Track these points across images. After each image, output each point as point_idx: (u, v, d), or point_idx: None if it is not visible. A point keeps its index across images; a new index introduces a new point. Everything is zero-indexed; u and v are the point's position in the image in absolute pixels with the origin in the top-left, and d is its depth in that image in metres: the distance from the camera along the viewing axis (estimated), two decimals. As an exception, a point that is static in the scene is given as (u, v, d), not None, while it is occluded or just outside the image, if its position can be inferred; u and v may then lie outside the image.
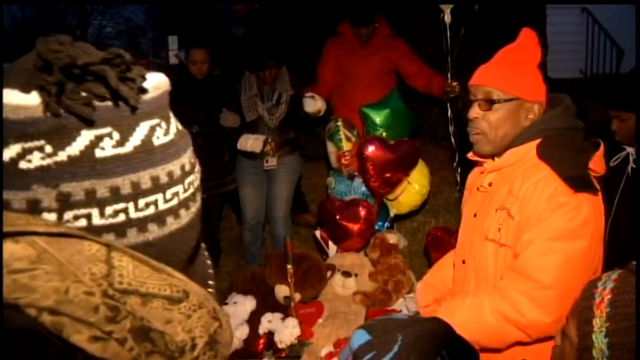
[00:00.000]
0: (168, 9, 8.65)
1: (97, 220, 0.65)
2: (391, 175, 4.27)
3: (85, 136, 0.64)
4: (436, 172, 5.73)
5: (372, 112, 4.44)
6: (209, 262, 0.87)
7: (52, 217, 0.64)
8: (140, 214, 0.68)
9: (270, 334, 3.46)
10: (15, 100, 0.62)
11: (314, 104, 4.45)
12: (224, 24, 5.61)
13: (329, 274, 3.79)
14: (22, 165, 0.62)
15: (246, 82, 4.53)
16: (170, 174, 0.71)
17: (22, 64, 0.64)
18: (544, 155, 1.92)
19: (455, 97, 4.36)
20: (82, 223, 0.65)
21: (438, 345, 1.20)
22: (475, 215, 2.14)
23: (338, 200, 4.34)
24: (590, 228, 1.88)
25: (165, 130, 0.72)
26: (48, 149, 0.63)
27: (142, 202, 0.68)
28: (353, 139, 4.45)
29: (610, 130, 2.98)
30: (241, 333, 3.51)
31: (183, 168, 0.73)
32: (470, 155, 2.19)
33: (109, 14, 15.47)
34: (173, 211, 0.71)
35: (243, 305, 3.63)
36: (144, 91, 0.69)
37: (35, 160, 0.63)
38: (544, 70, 2.07)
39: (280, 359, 3.29)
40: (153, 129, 0.70)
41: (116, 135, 0.66)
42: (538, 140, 1.96)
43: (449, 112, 4.43)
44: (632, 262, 1.13)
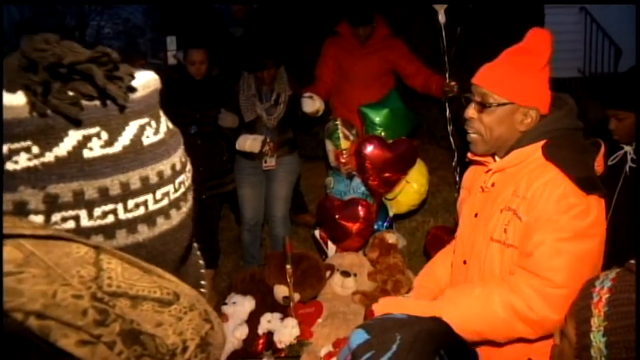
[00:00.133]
0: (166, 9, 8.65)
1: (85, 222, 0.64)
2: (390, 175, 4.27)
3: (73, 137, 0.63)
4: (435, 171, 5.73)
5: (371, 112, 4.44)
6: (201, 262, 0.86)
7: (39, 219, 0.63)
8: (129, 215, 0.67)
9: (270, 334, 3.45)
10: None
11: (312, 104, 4.45)
12: (222, 24, 5.61)
13: (328, 274, 3.79)
14: (9, 166, 0.61)
15: (245, 82, 4.53)
16: (160, 174, 0.69)
17: (7, 63, 0.63)
18: (551, 156, 1.93)
19: (453, 96, 4.35)
20: (70, 224, 0.64)
21: (436, 345, 1.20)
22: (476, 215, 2.13)
23: (337, 200, 4.34)
24: (600, 228, 1.91)
25: (155, 129, 0.70)
26: (35, 150, 0.62)
27: (131, 203, 0.67)
28: (351, 138, 4.45)
29: (608, 129, 2.98)
30: (240, 333, 3.50)
31: (173, 167, 0.72)
32: (470, 155, 2.18)
33: (107, 15, 15.48)
34: (163, 212, 0.70)
35: (242, 305, 3.62)
36: (132, 90, 0.68)
37: (22, 162, 0.61)
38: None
39: (279, 359, 3.28)
40: (142, 128, 0.68)
41: (104, 135, 0.65)
42: (543, 141, 1.96)
43: (447, 111, 4.42)
44: (630, 261, 1.13)
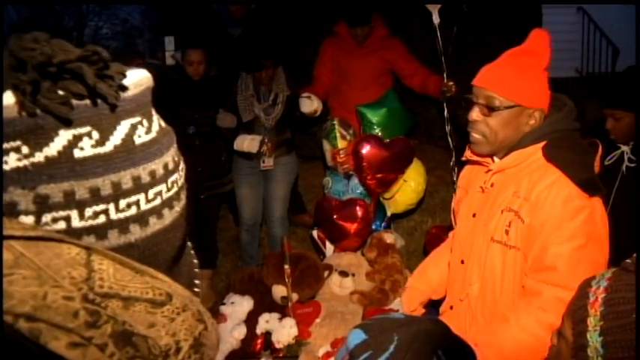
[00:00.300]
0: (164, 10, 8.64)
1: (76, 223, 0.64)
2: (387, 174, 4.27)
3: (63, 136, 0.62)
4: (433, 171, 5.73)
5: (368, 112, 4.44)
6: (195, 261, 0.85)
7: (29, 219, 0.62)
8: (121, 215, 0.66)
9: (268, 334, 3.45)
10: None
11: (310, 104, 4.45)
12: (220, 25, 5.61)
13: (326, 273, 3.79)
14: None
15: (243, 82, 4.53)
16: (152, 173, 0.69)
17: (1, 66, 0.63)
18: (552, 158, 1.93)
19: (451, 96, 4.35)
20: (61, 225, 0.63)
21: (434, 345, 1.20)
22: (474, 215, 2.13)
23: (335, 200, 4.34)
24: (606, 229, 1.92)
25: (147, 128, 0.70)
26: (24, 150, 0.61)
27: (123, 203, 0.66)
28: (348, 137, 4.45)
29: (605, 129, 2.98)
30: (239, 333, 3.50)
31: (166, 166, 0.71)
32: (468, 155, 2.17)
33: (105, 15, 15.50)
34: (156, 211, 0.70)
35: (240, 305, 3.62)
36: (124, 89, 0.67)
37: (11, 162, 0.61)
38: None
39: (278, 359, 3.28)
40: (134, 127, 0.68)
41: (95, 134, 0.64)
42: (543, 142, 1.96)
43: (445, 111, 4.42)
44: (627, 261, 1.12)
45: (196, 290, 0.81)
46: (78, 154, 0.63)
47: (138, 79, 0.70)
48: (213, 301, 4.29)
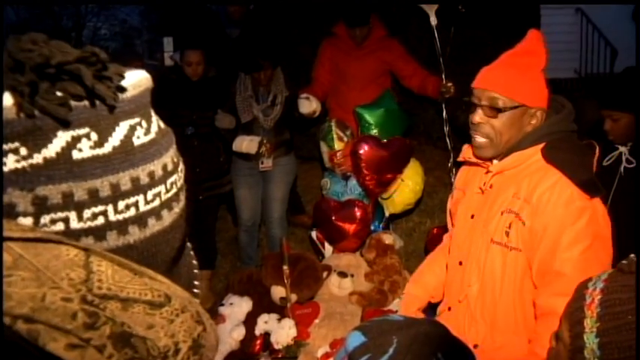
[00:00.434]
0: (163, 11, 8.63)
1: (74, 224, 0.63)
2: (385, 174, 4.28)
3: (62, 138, 0.62)
4: (431, 172, 5.73)
5: (366, 113, 4.44)
6: (195, 262, 0.85)
7: (27, 221, 0.62)
8: (120, 216, 0.66)
9: (267, 334, 3.46)
10: None
11: (309, 105, 4.45)
12: (219, 25, 5.61)
13: (325, 274, 3.79)
14: None
15: (241, 83, 4.53)
16: (151, 174, 0.68)
17: (1, 66, 0.62)
18: (552, 159, 1.93)
19: (450, 97, 4.36)
20: (60, 227, 0.63)
21: (433, 347, 1.19)
22: (473, 217, 2.12)
23: (333, 201, 4.35)
24: (609, 229, 1.93)
25: (146, 130, 0.69)
26: (23, 152, 0.61)
27: (121, 204, 0.66)
28: (345, 139, 4.45)
29: (603, 130, 2.99)
30: (238, 334, 3.50)
31: (165, 168, 0.71)
32: (466, 156, 2.17)
33: (104, 16, 15.50)
34: (155, 213, 0.69)
35: (239, 306, 3.63)
36: (122, 90, 0.67)
37: (10, 163, 0.60)
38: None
39: (276, 360, 3.29)
40: (133, 128, 0.67)
41: (94, 135, 0.64)
42: (542, 144, 1.96)
43: (444, 112, 4.43)
44: (622, 262, 1.12)
45: (195, 291, 0.81)
46: (76, 155, 0.63)
47: (137, 80, 0.70)
48: (211, 302, 4.29)
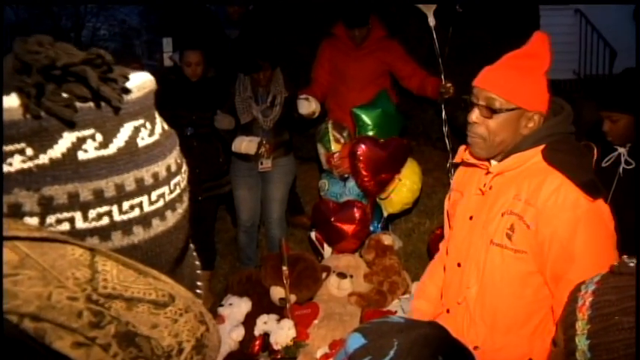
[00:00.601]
0: (162, 11, 8.64)
1: (80, 224, 0.64)
2: (383, 174, 4.28)
3: (67, 139, 0.63)
4: (431, 172, 5.73)
5: (363, 114, 4.44)
6: (197, 263, 0.86)
7: (34, 221, 0.62)
8: (125, 216, 0.66)
9: (266, 335, 3.46)
10: None
11: (308, 106, 4.46)
12: (218, 26, 5.61)
13: (324, 275, 3.80)
14: (3, 168, 0.61)
15: (241, 84, 4.54)
16: (155, 175, 0.69)
17: (3, 65, 0.63)
18: (553, 161, 1.92)
19: (449, 98, 4.36)
20: (65, 227, 0.63)
21: (433, 349, 1.19)
22: (471, 218, 2.11)
23: (332, 202, 4.35)
24: (613, 229, 1.93)
25: (150, 131, 0.70)
26: (29, 152, 0.61)
27: (126, 205, 0.66)
28: (342, 140, 4.46)
29: (602, 131, 3.00)
30: (237, 335, 3.51)
31: (169, 169, 0.72)
32: (465, 157, 2.16)
33: (103, 16, 15.49)
34: (159, 213, 0.70)
35: (238, 307, 3.63)
36: (127, 92, 0.67)
37: (16, 164, 0.61)
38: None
39: (275, 361, 3.29)
40: (137, 130, 0.68)
41: (99, 137, 0.64)
42: (542, 146, 1.96)
43: (443, 113, 4.43)
44: (614, 264, 1.13)
45: (198, 292, 0.81)
46: (82, 156, 0.63)
47: (141, 82, 0.71)
48: (211, 303, 4.29)
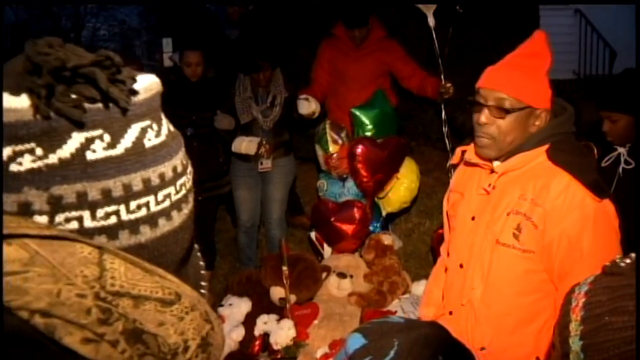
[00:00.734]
0: (162, 11, 8.64)
1: (88, 223, 0.65)
2: (382, 174, 4.29)
3: (76, 139, 0.64)
4: (430, 173, 5.74)
5: (362, 114, 4.44)
6: (202, 263, 0.87)
7: (43, 219, 0.63)
8: (132, 216, 0.68)
9: (266, 335, 3.47)
10: (5, 103, 0.62)
11: (308, 106, 4.46)
12: (218, 26, 5.61)
13: (324, 275, 3.80)
14: (13, 168, 0.62)
15: (241, 84, 4.54)
16: (162, 176, 0.70)
17: (12, 66, 0.64)
18: (559, 161, 1.92)
19: (449, 98, 4.37)
20: (74, 225, 0.64)
21: (434, 349, 1.19)
22: (473, 218, 2.09)
23: (332, 202, 4.35)
24: (617, 229, 1.93)
25: (157, 132, 0.71)
26: (39, 152, 0.62)
27: (133, 204, 0.67)
28: (340, 141, 4.46)
29: (601, 131, 3.00)
30: (237, 335, 3.51)
31: (175, 169, 0.73)
32: (468, 157, 2.14)
33: (102, 17, 15.47)
34: (165, 213, 0.71)
35: (238, 307, 3.64)
36: (134, 93, 0.68)
37: (26, 163, 0.62)
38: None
39: (276, 361, 3.29)
40: (144, 131, 0.69)
41: (107, 137, 0.66)
42: (546, 146, 1.96)
43: (443, 113, 4.43)
44: (606, 264, 1.13)
45: (203, 292, 0.82)
46: (90, 156, 0.65)
47: (148, 83, 0.72)
48: (210, 303, 4.26)
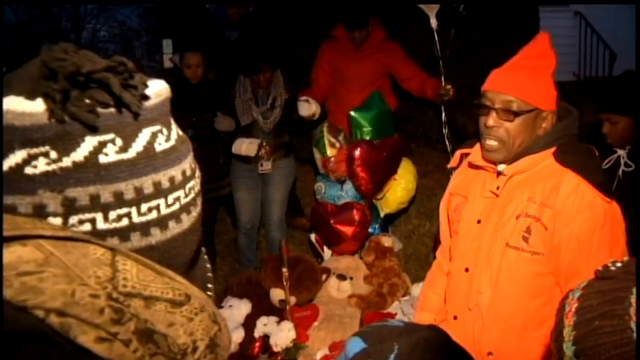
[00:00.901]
0: (162, 13, 8.65)
1: (101, 225, 0.67)
2: (381, 175, 4.30)
3: (89, 143, 0.65)
4: (430, 174, 5.75)
5: (360, 116, 4.43)
6: (208, 265, 0.89)
7: (57, 221, 0.65)
8: (143, 218, 0.69)
9: (266, 337, 3.47)
10: (20, 108, 0.63)
11: (308, 108, 4.47)
12: (218, 28, 5.62)
13: (324, 277, 3.81)
14: (28, 170, 0.64)
15: (241, 85, 4.54)
16: (172, 179, 0.72)
17: (27, 71, 0.66)
18: (568, 163, 1.92)
19: (449, 99, 4.37)
20: (87, 227, 0.66)
21: (434, 353, 1.18)
22: (479, 222, 2.08)
23: (331, 205, 4.35)
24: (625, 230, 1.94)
25: (167, 137, 0.73)
26: (53, 155, 0.64)
27: (144, 207, 0.69)
28: (338, 144, 4.46)
29: (601, 133, 3.01)
30: (237, 336, 3.51)
31: (184, 173, 0.74)
32: (473, 160, 2.13)
33: (103, 18, 15.47)
34: (175, 216, 0.72)
35: (238, 309, 3.64)
36: (146, 98, 0.70)
37: (40, 166, 0.64)
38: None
39: (276, 362, 3.30)
40: (155, 135, 0.71)
41: (119, 141, 0.67)
42: (553, 148, 1.96)
43: (443, 115, 4.44)
44: (598, 268, 1.14)
45: (210, 294, 0.84)
46: (103, 159, 0.66)
47: (159, 89, 0.74)
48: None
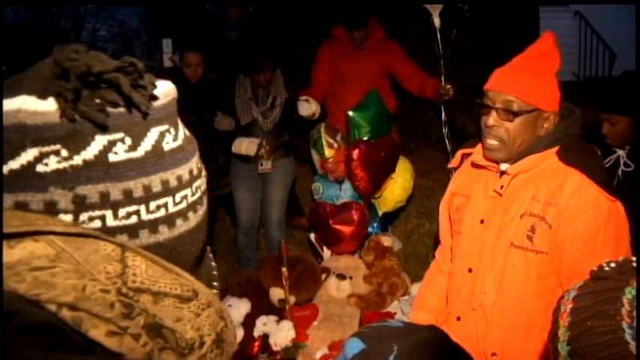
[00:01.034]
0: (162, 12, 8.66)
1: (110, 222, 0.68)
2: (380, 175, 4.31)
3: (99, 141, 0.67)
4: (430, 174, 5.76)
5: (359, 117, 4.43)
6: (213, 264, 0.90)
7: (68, 218, 0.66)
8: (151, 216, 0.70)
9: (265, 336, 3.47)
10: (33, 106, 0.65)
11: (308, 107, 4.47)
12: (218, 27, 5.63)
13: (324, 276, 3.81)
14: (39, 168, 0.65)
15: (241, 85, 4.55)
16: (179, 178, 0.73)
17: (39, 71, 0.67)
18: (572, 162, 1.93)
19: (449, 99, 4.38)
20: (97, 224, 0.67)
21: (433, 354, 1.19)
22: (482, 221, 2.08)
23: (329, 205, 4.35)
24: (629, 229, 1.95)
25: (174, 136, 0.75)
26: (64, 153, 0.65)
27: (153, 205, 0.70)
28: (335, 145, 4.47)
29: (601, 133, 3.02)
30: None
31: (191, 172, 0.76)
32: (476, 160, 2.13)
33: (102, 17, 15.48)
34: (182, 214, 0.74)
35: (238, 308, 3.64)
36: (154, 98, 0.72)
37: (52, 164, 0.65)
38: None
39: (275, 361, 3.30)
40: (163, 134, 0.72)
41: (128, 140, 0.69)
42: (556, 147, 1.96)
43: (443, 114, 4.45)
44: (593, 269, 1.15)
45: (215, 291, 0.85)
46: (112, 158, 0.68)
47: (166, 89, 0.76)
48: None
